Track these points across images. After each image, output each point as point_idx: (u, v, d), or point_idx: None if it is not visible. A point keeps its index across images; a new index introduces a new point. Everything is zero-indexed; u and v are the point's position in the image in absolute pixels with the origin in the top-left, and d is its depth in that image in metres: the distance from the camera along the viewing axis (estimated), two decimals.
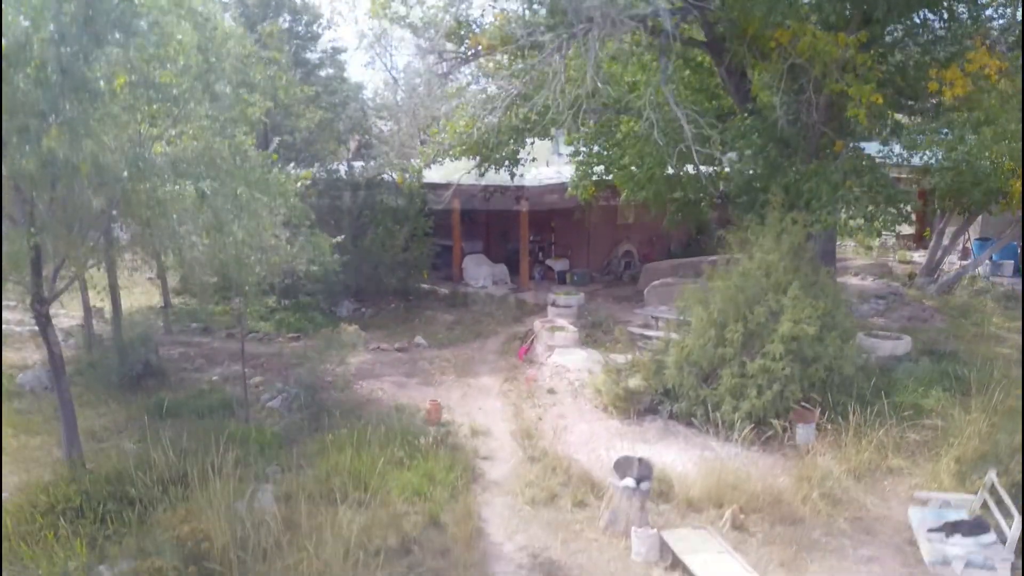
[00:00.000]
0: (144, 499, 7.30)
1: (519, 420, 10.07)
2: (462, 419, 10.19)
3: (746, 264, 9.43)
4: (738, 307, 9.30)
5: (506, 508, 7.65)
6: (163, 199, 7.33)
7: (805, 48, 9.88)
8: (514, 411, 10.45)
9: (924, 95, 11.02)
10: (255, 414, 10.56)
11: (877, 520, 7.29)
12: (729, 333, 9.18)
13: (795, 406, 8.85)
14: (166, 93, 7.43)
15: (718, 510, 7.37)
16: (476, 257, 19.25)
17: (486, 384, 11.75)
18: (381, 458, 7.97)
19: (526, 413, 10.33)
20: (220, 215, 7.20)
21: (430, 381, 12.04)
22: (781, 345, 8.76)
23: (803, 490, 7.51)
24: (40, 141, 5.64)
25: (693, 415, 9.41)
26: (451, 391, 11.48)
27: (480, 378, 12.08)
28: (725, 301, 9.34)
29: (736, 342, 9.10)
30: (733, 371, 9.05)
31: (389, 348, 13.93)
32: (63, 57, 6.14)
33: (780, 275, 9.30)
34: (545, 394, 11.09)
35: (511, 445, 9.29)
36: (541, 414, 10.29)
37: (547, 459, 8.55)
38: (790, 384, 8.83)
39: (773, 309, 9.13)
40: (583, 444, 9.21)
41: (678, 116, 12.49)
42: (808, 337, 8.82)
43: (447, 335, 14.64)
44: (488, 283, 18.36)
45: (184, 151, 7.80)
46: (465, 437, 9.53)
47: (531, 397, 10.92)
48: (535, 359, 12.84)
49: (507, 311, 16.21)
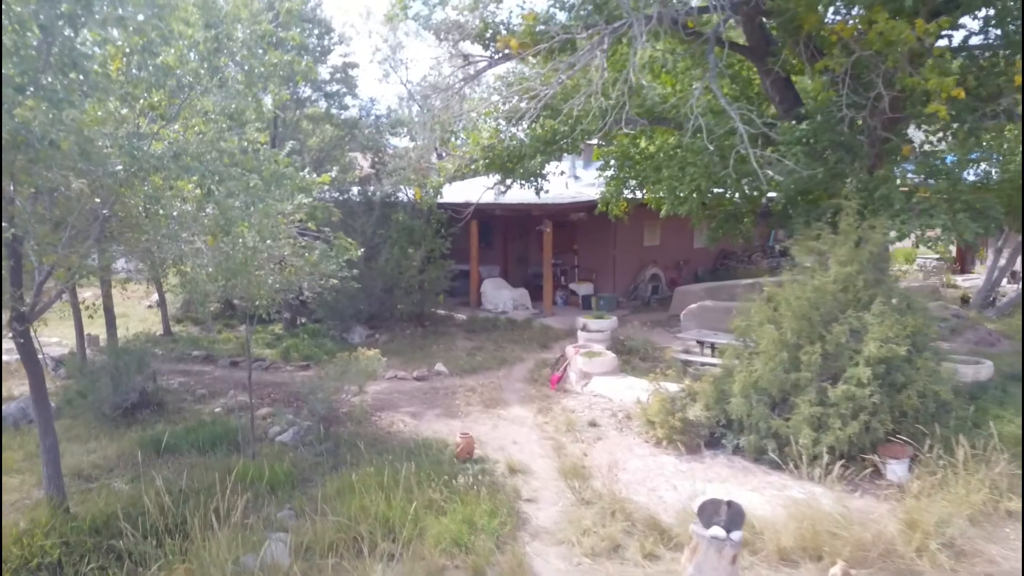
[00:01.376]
0: (135, 553, 6.14)
1: (561, 456, 8.90)
2: (496, 454, 9.04)
3: (820, 277, 8.34)
4: (813, 326, 8.20)
5: (562, 561, 6.46)
6: (160, 196, 6.29)
7: (874, 39, 8.92)
8: (554, 446, 9.28)
9: (1001, 93, 10.03)
10: (263, 449, 9.41)
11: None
12: (804, 355, 8.07)
13: (887, 439, 7.70)
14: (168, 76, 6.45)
15: (817, 563, 6.18)
16: (495, 281, 18.20)
17: (518, 415, 10.60)
18: (413, 501, 6.80)
19: (568, 448, 9.16)
20: (228, 214, 6.14)
21: (455, 412, 10.88)
22: (868, 368, 7.64)
23: (915, 539, 6.32)
24: (12, 112, 4.61)
25: (763, 449, 8.24)
26: (479, 423, 10.33)
27: (510, 408, 10.93)
28: (798, 320, 8.24)
29: (814, 366, 7.99)
30: (811, 399, 7.91)
31: (407, 376, 12.81)
32: (46, 21, 5.14)
33: (860, 289, 8.22)
34: (586, 426, 9.93)
35: (556, 485, 8.11)
36: (585, 449, 9.12)
37: (602, 501, 7.37)
38: (879, 413, 7.68)
39: (854, 328, 8.03)
40: (640, 483, 8.03)
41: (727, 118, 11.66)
42: (898, 359, 7.71)
43: (469, 362, 13.51)
44: (509, 308, 17.28)
45: (188, 143, 6.79)
46: (503, 476, 8.36)
47: (571, 430, 9.76)
48: (569, 387, 11.70)
49: (532, 337, 15.09)
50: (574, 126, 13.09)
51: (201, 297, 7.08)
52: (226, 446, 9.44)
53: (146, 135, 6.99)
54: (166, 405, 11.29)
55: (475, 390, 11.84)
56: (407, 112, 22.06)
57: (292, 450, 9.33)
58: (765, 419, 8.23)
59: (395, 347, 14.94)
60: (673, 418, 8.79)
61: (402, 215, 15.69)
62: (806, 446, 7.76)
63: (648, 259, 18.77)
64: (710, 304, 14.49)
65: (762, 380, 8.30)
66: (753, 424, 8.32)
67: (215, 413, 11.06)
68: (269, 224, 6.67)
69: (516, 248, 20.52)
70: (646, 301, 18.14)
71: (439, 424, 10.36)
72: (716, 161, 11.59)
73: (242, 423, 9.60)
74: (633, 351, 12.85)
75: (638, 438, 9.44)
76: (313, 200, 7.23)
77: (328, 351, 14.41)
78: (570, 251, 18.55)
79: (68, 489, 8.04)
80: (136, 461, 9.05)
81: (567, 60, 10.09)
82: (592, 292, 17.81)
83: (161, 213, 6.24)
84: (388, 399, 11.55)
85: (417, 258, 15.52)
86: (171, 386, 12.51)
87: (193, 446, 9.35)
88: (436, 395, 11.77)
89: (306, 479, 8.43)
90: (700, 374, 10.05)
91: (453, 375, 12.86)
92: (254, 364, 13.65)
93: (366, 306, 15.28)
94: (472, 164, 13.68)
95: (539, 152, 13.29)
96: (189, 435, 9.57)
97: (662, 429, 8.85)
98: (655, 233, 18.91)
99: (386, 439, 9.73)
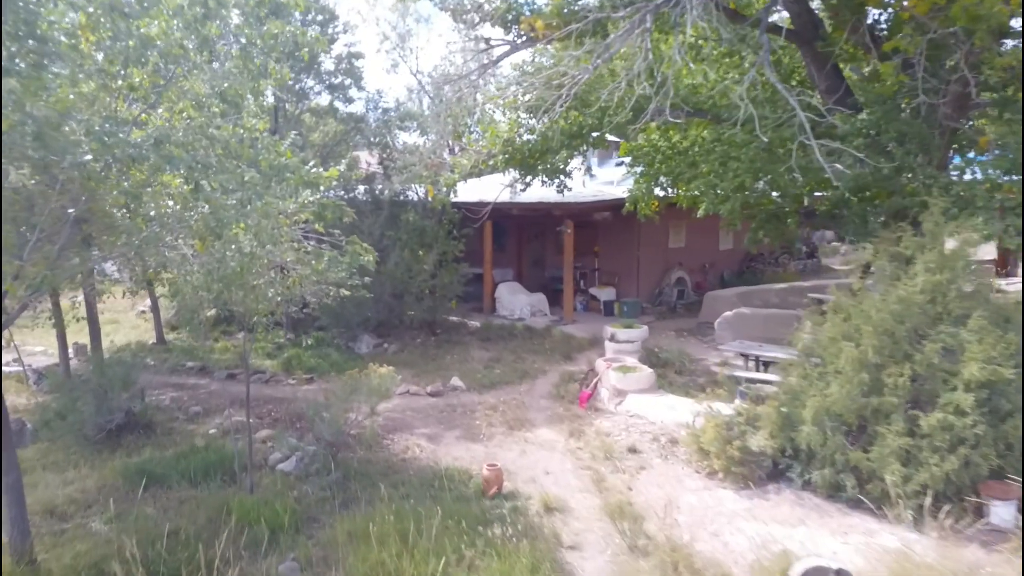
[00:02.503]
0: None
1: (603, 490, 7.81)
2: (527, 487, 7.94)
3: (905, 287, 7.24)
4: (898, 343, 7.10)
5: None
6: (139, 192, 5.21)
7: (958, 14, 7.82)
8: (592, 476, 8.18)
9: None
10: (263, 479, 8.32)
11: None
12: (889, 377, 6.97)
13: (991, 476, 6.60)
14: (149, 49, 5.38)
15: None
16: (511, 285, 17.08)
17: (546, 439, 9.49)
18: (440, 557, 5.71)
19: (609, 479, 8.06)
20: (219, 214, 5.05)
21: (475, 434, 9.78)
22: (969, 394, 6.54)
23: None
24: None
25: (839, 485, 7.14)
26: (504, 448, 9.23)
27: (537, 430, 9.83)
28: (879, 336, 7.13)
29: (901, 389, 6.88)
30: (899, 428, 6.80)
31: (420, 391, 11.72)
32: None
33: (952, 300, 7.11)
34: (626, 453, 8.83)
35: (601, 526, 7.01)
36: (629, 480, 8.02)
37: (660, 550, 6.27)
38: (981, 445, 6.58)
39: (948, 345, 6.92)
40: (698, 525, 6.93)
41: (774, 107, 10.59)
42: (1003, 382, 6.61)
43: (487, 375, 12.40)
44: (526, 314, 16.17)
45: (174, 129, 5.70)
46: (538, 515, 7.26)
47: (609, 457, 8.66)
48: (600, 406, 10.60)
49: (553, 347, 13.97)
50: (601, 118, 12.02)
51: (188, 312, 6.00)
52: (221, 476, 8.37)
53: (125, 121, 5.93)
54: (156, 426, 10.20)
55: (496, 408, 10.74)
56: (417, 105, 20.96)
57: (295, 481, 8.23)
58: (842, 450, 7.12)
59: (406, 358, 13.85)
60: (731, 447, 7.68)
61: (412, 215, 14.59)
62: (895, 483, 6.67)
63: (673, 261, 17.65)
64: (747, 312, 13.39)
65: (836, 405, 7.20)
66: (827, 456, 7.21)
67: (209, 435, 9.97)
68: (269, 226, 5.58)
69: (531, 250, 19.42)
70: (672, 307, 17.03)
71: (459, 449, 9.26)
72: (762, 155, 10.53)
73: (239, 448, 8.51)
74: (667, 363, 11.75)
75: (687, 468, 8.34)
76: (321, 197, 6.13)
77: (333, 362, 13.34)
78: (590, 253, 17.43)
79: (38, 531, 6.98)
80: (119, 494, 8.02)
81: (604, 42, 9.00)
82: (614, 297, 16.69)
83: (140, 213, 5.15)
84: (401, 418, 10.46)
85: (429, 261, 14.42)
86: (162, 402, 11.43)
87: (184, 476, 8.26)
88: (453, 414, 10.67)
89: (312, 518, 7.33)
90: (751, 393, 8.94)
91: (471, 390, 11.76)
92: (253, 377, 12.58)
93: (374, 313, 14.18)
94: (490, 160, 12.59)
95: (563, 146, 12.20)
96: (179, 463, 8.48)
97: (719, 460, 7.74)
98: (680, 234, 17.80)
99: (401, 468, 8.63)
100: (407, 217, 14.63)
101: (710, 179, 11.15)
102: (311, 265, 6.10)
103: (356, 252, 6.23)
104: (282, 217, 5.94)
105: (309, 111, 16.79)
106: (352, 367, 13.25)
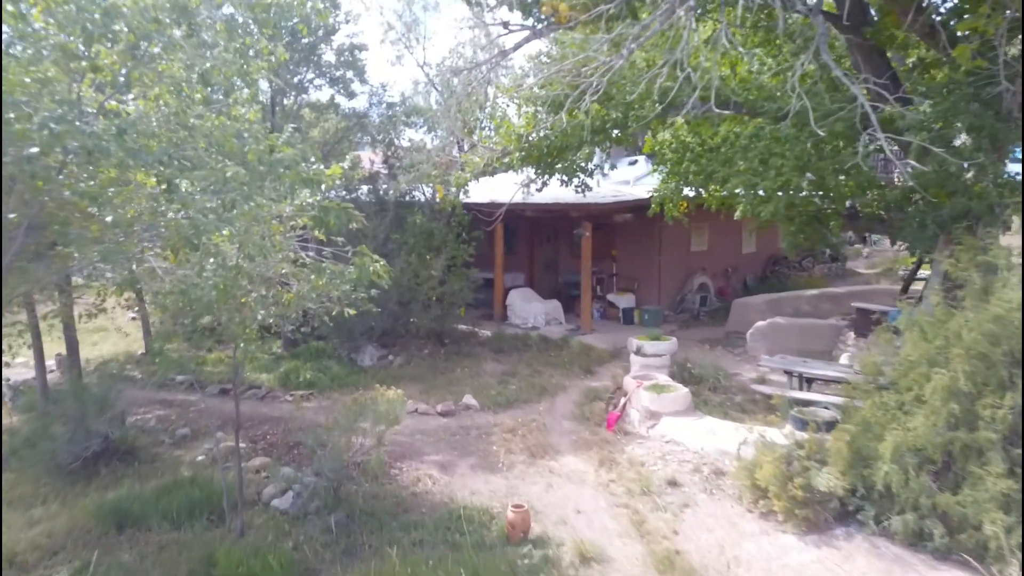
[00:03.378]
0: None
1: (644, 534, 6.81)
2: (557, 530, 6.95)
3: (1001, 303, 6.23)
4: (994, 368, 6.09)
5: None
6: (99, 193, 4.22)
7: None
8: (630, 517, 7.18)
9: None
10: (255, 519, 7.33)
11: None
12: (986, 409, 5.97)
13: None
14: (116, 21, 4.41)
15: None
16: (523, 292, 16.06)
17: (574, 468, 8.49)
18: None
19: (650, 520, 7.06)
20: (197, 219, 4.05)
21: (493, 463, 8.78)
22: None
23: None
24: None
25: (923, 534, 6.14)
26: (527, 480, 8.23)
27: (562, 458, 8.82)
28: (970, 360, 6.12)
29: (1000, 423, 5.88)
30: (998, 469, 5.81)
31: (430, 410, 10.71)
32: None
33: None
34: (665, 486, 7.82)
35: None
36: (674, 522, 7.02)
37: None
38: None
39: None
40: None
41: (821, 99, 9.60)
42: None
43: (502, 392, 11.39)
44: (540, 323, 15.16)
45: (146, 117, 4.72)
46: (572, 566, 6.27)
47: (647, 492, 7.66)
48: (630, 429, 9.60)
49: (572, 359, 12.96)
50: (626, 112, 11.03)
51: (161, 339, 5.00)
52: (208, 514, 7.38)
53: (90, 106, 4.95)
54: (138, 451, 9.22)
55: (515, 431, 9.73)
56: (424, 100, 19.90)
57: (292, 522, 7.24)
58: (928, 493, 6.12)
59: (413, 371, 12.84)
60: (793, 485, 6.68)
61: (420, 217, 13.58)
62: (995, 535, 5.67)
63: (695, 266, 16.62)
64: (782, 322, 12.38)
65: (920, 439, 6.19)
66: (910, 499, 6.20)
67: (197, 463, 8.99)
68: (258, 233, 4.58)
69: (543, 254, 18.39)
70: (695, 314, 16.00)
71: (476, 480, 8.26)
72: (810, 152, 9.55)
73: (228, 482, 7.51)
74: (701, 380, 10.73)
75: (737, 505, 7.33)
76: (322, 199, 5.12)
77: (334, 376, 12.35)
78: (608, 257, 16.40)
79: None
80: (91, 537, 7.04)
81: (639, 23, 7.99)
82: (634, 304, 15.68)
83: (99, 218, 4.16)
84: (409, 442, 9.45)
85: (437, 267, 13.42)
86: (147, 423, 10.43)
87: (165, 516, 7.27)
88: (468, 438, 9.66)
89: (310, 570, 6.35)
90: (807, 418, 7.92)
91: (485, 409, 10.75)
92: (247, 393, 11.61)
93: (378, 322, 13.16)
94: (505, 157, 11.58)
95: (585, 143, 11.19)
96: (160, 500, 7.48)
97: (779, 500, 6.74)
98: (703, 237, 16.78)
99: (412, 504, 7.64)
100: (414, 219, 13.63)
101: (749, 178, 10.13)
102: (310, 280, 5.10)
103: (364, 265, 5.22)
104: (275, 223, 4.94)
105: (308, 106, 15.78)
106: (355, 381, 12.30)
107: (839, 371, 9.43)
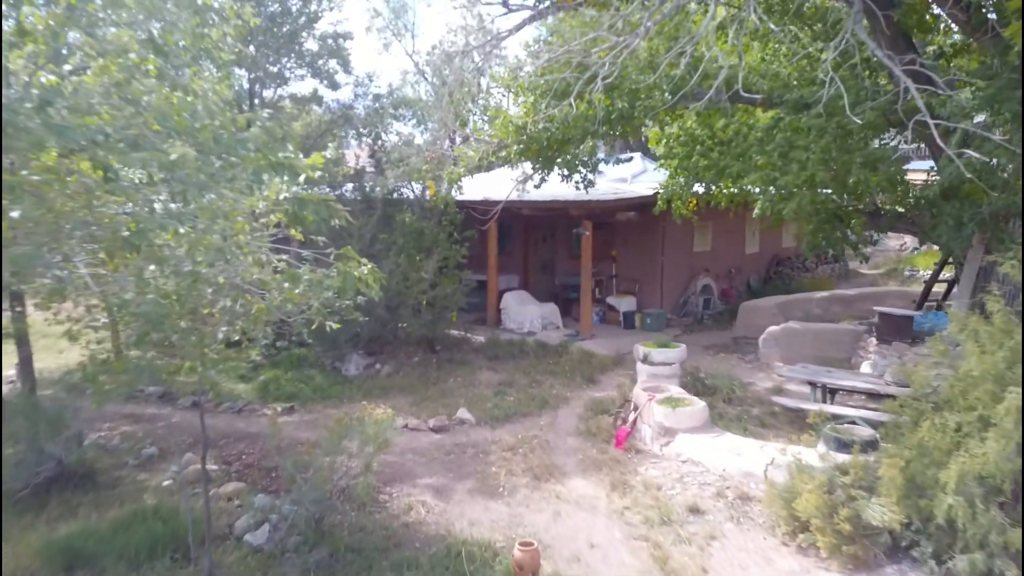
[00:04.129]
0: None
1: (669, 573, 5.99)
2: (570, 570, 6.13)
3: None
4: None
5: None
6: (13, 181, 3.35)
7: None
8: (651, 552, 6.35)
9: None
10: (226, 557, 6.45)
11: None
12: None
13: None
14: None
15: None
16: (519, 295, 15.22)
17: (583, 493, 7.65)
18: None
19: (674, 557, 6.24)
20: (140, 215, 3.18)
21: (494, 487, 7.92)
22: None
23: None
24: None
25: (993, 575, 5.36)
26: (532, 507, 7.38)
27: (569, 481, 7.99)
28: None
29: None
30: None
31: (421, 425, 9.86)
32: None
33: None
34: (686, 514, 7.01)
35: None
36: (701, 559, 6.20)
37: None
38: None
39: None
40: None
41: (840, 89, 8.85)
42: None
43: (499, 404, 10.54)
44: (537, 328, 14.32)
45: (79, 89, 3.85)
46: None
47: (667, 521, 6.84)
48: (642, 446, 8.78)
49: (573, 367, 12.14)
50: (632, 102, 10.23)
51: (97, 366, 4.15)
52: (172, 552, 6.49)
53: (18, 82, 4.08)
54: (97, 475, 8.31)
55: (515, 449, 8.89)
56: (414, 91, 18.97)
57: (267, 560, 6.36)
58: (999, 530, 5.34)
59: (402, 381, 11.97)
60: (839, 517, 5.89)
61: (409, 216, 12.70)
62: None
63: (699, 267, 15.84)
64: (797, 327, 11.62)
65: (989, 466, 5.42)
66: (977, 535, 5.42)
67: (163, 488, 8.07)
68: (219, 231, 3.71)
69: (538, 254, 17.55)
70: (699, 318, 15.23)
71: (475, 508, 7.40)
72: (837, 144, 8.78)
73: (196, 512, 6.61)
74: (715, 391, 9.94)
75: (770, 537, 6.54)
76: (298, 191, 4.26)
77: (317, 387, 11.48)
78: (607, 258, 15.58)
79: None
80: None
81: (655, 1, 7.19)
82: (635, 307, 14.87)
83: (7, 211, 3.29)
84: (400, 463, 8.59)
85: (428, 268, 12.54)
86: (110, 441, 9.51)
87: (123, 555, 6.37)
88: (463, 457, 8.81)
89: None
90: (847, 439, 7.12)
91: (481, 424, 9.90)
92: (223, 407, 10.74)
93: (364, 328, 12.22)
94: (502, 151, 10.75)
95: (589, 134, 10.37)
96: (118, 536, 6.58)
97: (823, 536, 5.94)
98: (706, 236, 16.01)
99: (404, 538, 6.77)
100: (403, 218, 12.74)
101: (768, 173, 9.36)
102: (284, 290, 4.23)
103: (349, 271, 4.34)
104: (241, 221, 4.06)
105: (289, 98, 14.84)
106: (339, 393, 11.41)
107: (870, 382, 8.67)
